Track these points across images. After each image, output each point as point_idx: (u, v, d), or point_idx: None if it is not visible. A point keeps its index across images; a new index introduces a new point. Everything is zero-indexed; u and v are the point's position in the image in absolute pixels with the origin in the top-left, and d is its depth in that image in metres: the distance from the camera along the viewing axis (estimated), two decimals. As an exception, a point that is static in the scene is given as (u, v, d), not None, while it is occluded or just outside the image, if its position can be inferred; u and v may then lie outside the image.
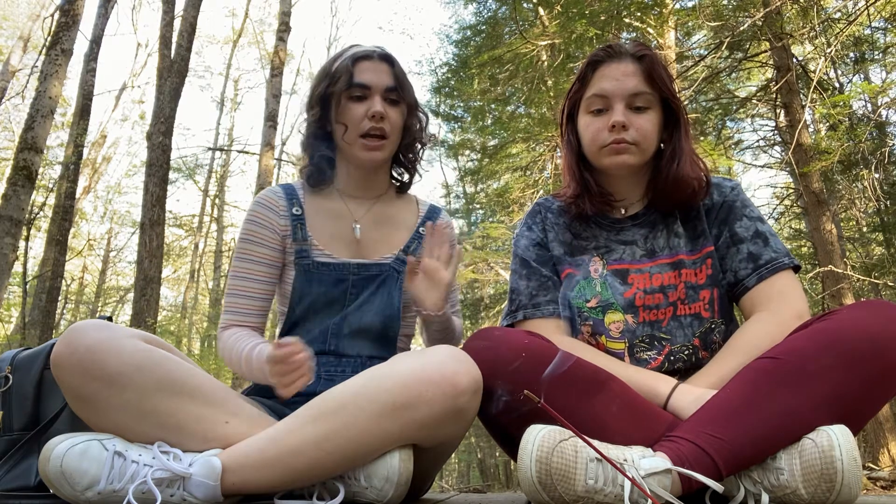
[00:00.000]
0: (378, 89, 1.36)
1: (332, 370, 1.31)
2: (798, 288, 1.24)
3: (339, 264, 1.36)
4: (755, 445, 0.97)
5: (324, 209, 1.43)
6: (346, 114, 1.36)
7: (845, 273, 4.88)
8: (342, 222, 1.41)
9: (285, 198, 1.42)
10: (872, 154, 4.86)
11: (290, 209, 1.41)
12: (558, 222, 1.39)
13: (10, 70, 9.34)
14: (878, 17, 5.06)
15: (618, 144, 1.26)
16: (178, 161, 15.06)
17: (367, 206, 1.45)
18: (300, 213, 1.41)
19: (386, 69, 1.38)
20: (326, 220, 1.42)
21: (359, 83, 1.35)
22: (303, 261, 1.36)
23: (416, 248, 1.41)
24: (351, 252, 1.39)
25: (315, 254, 1.37)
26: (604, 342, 1.28)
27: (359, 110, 1.35)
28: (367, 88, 1.35)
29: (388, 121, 1.36)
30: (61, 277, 6.45)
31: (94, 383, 1.00)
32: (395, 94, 1.37)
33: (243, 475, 1.00)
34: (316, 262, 1.36)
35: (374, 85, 1.36)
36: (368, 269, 1.37)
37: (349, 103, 1.36)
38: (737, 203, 1.31)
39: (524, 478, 0.91)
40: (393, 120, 1.37)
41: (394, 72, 1.38)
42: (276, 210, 1.40)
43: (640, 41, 1.40)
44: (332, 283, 1.35)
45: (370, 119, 1.34)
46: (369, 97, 1.35)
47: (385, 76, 1.37)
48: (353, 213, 1.43)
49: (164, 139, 5.92)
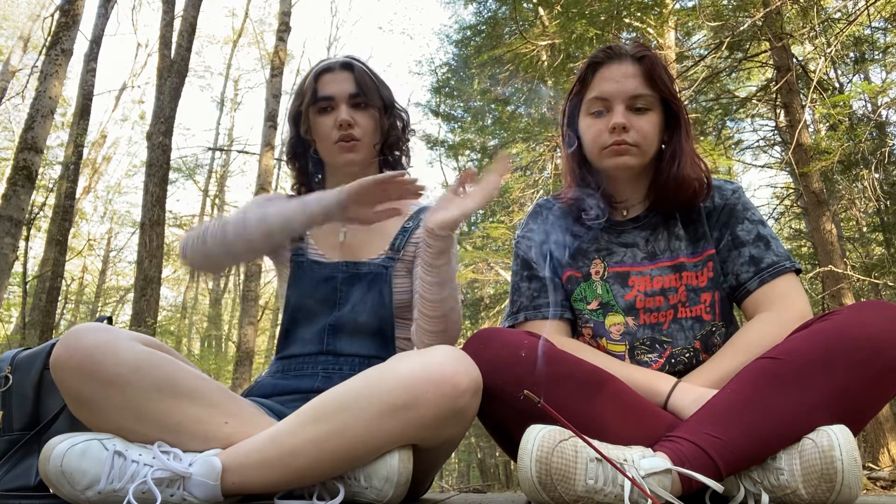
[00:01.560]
0: (342, 98, 1.40)
1: (330, 369, 1.31)
2: (800, 290, 1.24)
3: (328, 263, 1.40)
4: (755, 445, 0.97)
5: None
6: (317, 128, 1.43)
7: (845, 273, 4.88)
8: (333, 226, 1.43)
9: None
10: (872, 154, 4.86)
11: None
12: (559, 224, 1.39)
13: (10, 70, 9.34)
14: (878, 17, 5.06)
15: (618, 146, 1.25)
16: (178, 161, 15.08)
17: None
18: None
19: (347, 77, 1.42)
20: None
21: (323, 96, 1.41)
22: (298, 258, 1.42)
23: (403, 244, 1.42)
24: (340, 254, 1.42)
25: (310, 253, 1.42)
26: (605, 344, 1.28)
27: (327, 122, 1.41)
28: (331, 100, 1.41)
29: (358, 126, 1.40)
30: (61, 277, 6.45)
31: (92, 385, 1.00)
32: (359, 98, 1.41)
33: (243, 475, 1.00)
34: (310, 260, 1.41)
35: (336, 95, 1.40)
36: (357, 267, 1.39)
37: (318, 117, 1.42)
38: (738, 206, 1.31)
39: (524, 478, 0.92)
40: (363, 124, 1.41)
41: (355, 78, 1.42)
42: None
43: (640, 42, 1.40)
44: (321, 281, 1.38)
45: (338, 129, 1.39)
46: (336, 107, 1.40)
47: (347, 84, 1.41)
48: None
49: (164, 139, 5.92)
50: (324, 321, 1.35)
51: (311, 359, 1.34)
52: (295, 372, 1.34)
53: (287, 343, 1.39)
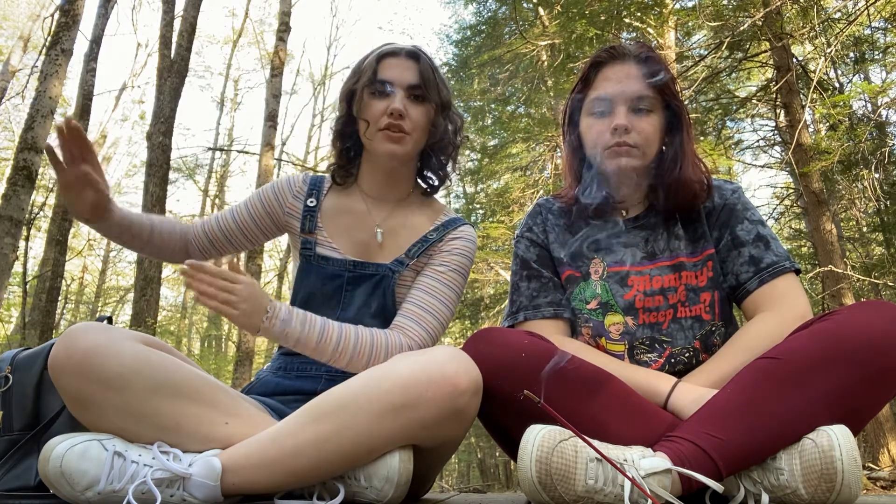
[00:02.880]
0: (401, 86, 1.33)
1: (334, 371, 1.30)
2: (800, 290, 1.24)
3: (337, 260, 1.36)
4: (755, 445, 0.97)
5: (343, 206, 1.42)
6: (367, 110, 1.34)
7: (845, 273, 4.88)
8: (359, 222, 1.40)
9: (308, 185, 1.45)
10: (872, 154, 4.85)
11: (306, 198, 1.42)
12: (559, 223, 1.38)
13: (10, 70, 9.33)
14: (878, 17, 5.06)
15: (620, 147, 1.25)
16: (178, 161, 15.06)
17: (388, 209, 1.42)
18: (314, 205, 1.41)
19: (412, 66, 1.35)
20: (343, 217, 1.41)
21: (381, 80, 1.33)
22: (306, 252, 1.38)
23: (418, 253, 1.37)
24: (357, 252, 1.38)
25: (320, 247, 1.38)
26: (604, 344, 1.28)
27: (379, 106, 1.33)
28: (389, 85, 1.33)
29: (410, 119, 1.33)
30: (61, 277, 6.45)
31: (91, 386, 0.99)
32: (419, 90, 1.34)
33: (243, 475, 1.00)
34: (317, 254, 1.37)
35: (396, 81, 1.33)
36: (365, 267, 1.36)
37: (371, 100, 1.34)
38: (738, 206, 1.31)
39: (524, 478, 0.92)
40: (415, 118, 1.34)
41: (419, 69, 1.35)
42: (293, 189, 1.44)
43: (642, 42, 1.40)
44: (328, 278, 1.35)
45: (389, 116, 1.31)
46: (392, 94, 1.33)
47: (409, 73, 1.34)
48: (374, 215, 1.41)
49: (164, 139, 5.92)
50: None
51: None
52: (298, 372, 1.34)
53: None
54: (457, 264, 1.37)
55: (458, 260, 1.37)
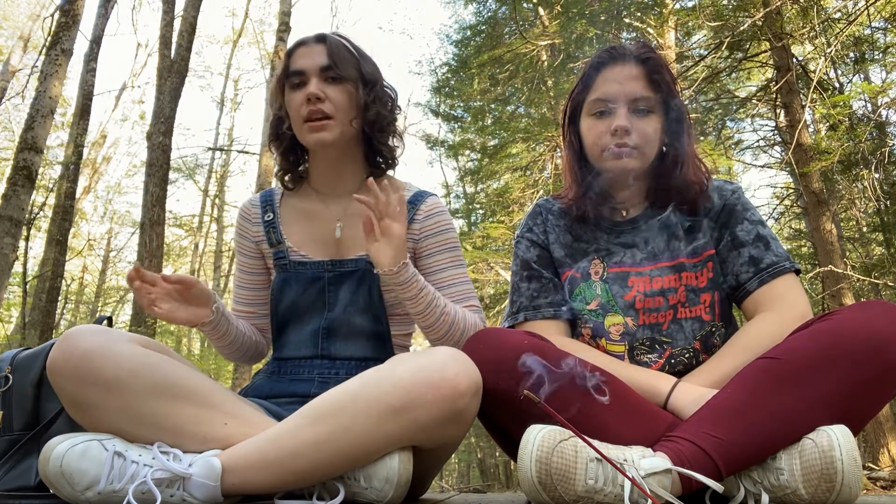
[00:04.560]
0: (313, 71, 1.32)
1: (326, 373, 1.30)
2: (800, 290, 1.24)
3: (313, 263, 1.36)
4: (755, 445, 0.97)
5: (300, 210, 1.42)
6: (289, 103, 1.35)
7: (845, 273, 4.88)
8: (319, 222, 1.39)
9: (259, 205, 1.46)
10: (872, 154, 4.85)
11: (263, 216, 1.44)
12: (559, 224, 1.38)
13: (10, 70, 9.34)
14: (878, 17, 5.06)
15: (620, 148, 1.25)
16: (178, 161, 15.05)
17: (345, 201, 1.39)
18: (272, 219, 1.42)
19: (320, 49, 1.33)
20: (303, 220, 1.41)
21: (294, 70, 1.33)
22: (280, 262, 1.39)
23: None
24: (328, 252, 1.37)
25: (291, 255, 1.38)
26: (604, 345, 1.28)
27: (298, 97, 1.32)
28: (302, 74, 1.32)
29: (330, 101, 1.30)
30: (61, 277, 6.45)
31: (90, 389, 1.00)
32: (331, 71, 1.31)
33: (243, 476, 1.00)
34: (292, 261, 1.37)
35: (307, 68, 1.32)
36: (343, 265, 1.35)
37: (290, 94, 1.34)
38: (738, 206, 1.31)
39: (524, 478, 0.91)
40: (335, 99, 1.31)
41: (328, 49, 1.33)
42: (250, 218, 1.46)
43: (643, 42, 1.39)
44: (308, 282, 1.35)
45: (307, 104, 1.30)
46: (307, 82, 1.32)
47: (319, 57, 1.32)
48: (332, 211, 1.40)
49: (164, 139, 5.92)
50: (316, 324, 1.33)
51: (307, 362, 1.33)
52: (291, 375, 1.33)
53: (280, 345, 1.37)
54: (451, 241, 1.40)
55: (449, 236, 1.40)
